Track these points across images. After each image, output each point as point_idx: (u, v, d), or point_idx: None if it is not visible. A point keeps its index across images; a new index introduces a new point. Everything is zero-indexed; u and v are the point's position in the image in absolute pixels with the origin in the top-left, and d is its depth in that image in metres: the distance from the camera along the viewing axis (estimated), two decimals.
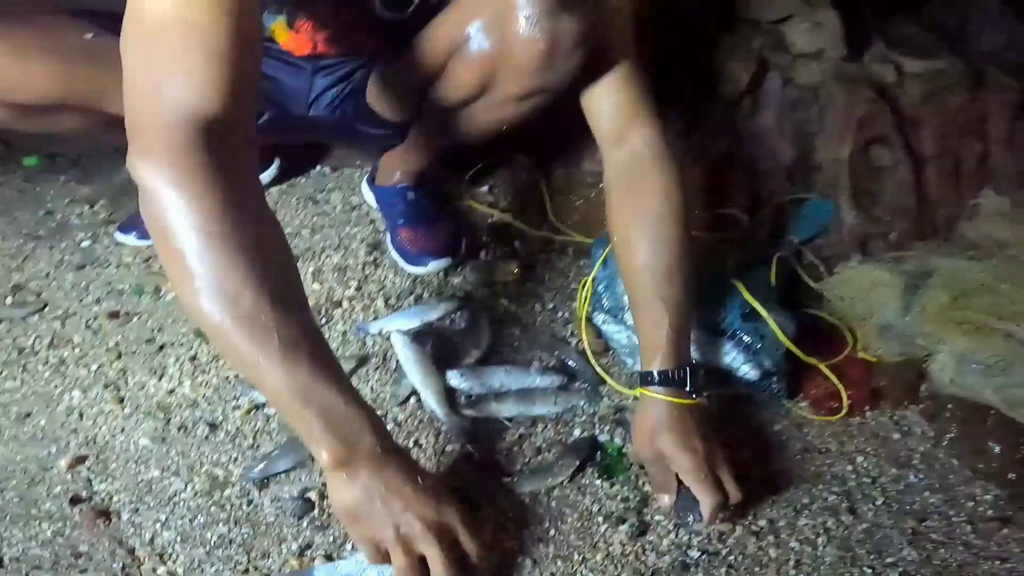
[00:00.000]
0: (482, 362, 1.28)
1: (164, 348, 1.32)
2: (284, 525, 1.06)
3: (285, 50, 1.24)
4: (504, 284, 1.42)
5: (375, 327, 1.31)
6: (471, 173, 1.57)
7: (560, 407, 1.22)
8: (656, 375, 1.07)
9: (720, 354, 1.22)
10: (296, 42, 1.22)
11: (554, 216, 1.56)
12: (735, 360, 1.23)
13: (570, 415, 1.22)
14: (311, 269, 1.41)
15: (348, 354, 1.28)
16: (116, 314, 1.39)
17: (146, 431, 1.19)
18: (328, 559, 1.01)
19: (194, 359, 1.29)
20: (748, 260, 1.36)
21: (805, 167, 1.56)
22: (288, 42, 1.22)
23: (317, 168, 1.68)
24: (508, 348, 1.33)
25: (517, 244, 1.51)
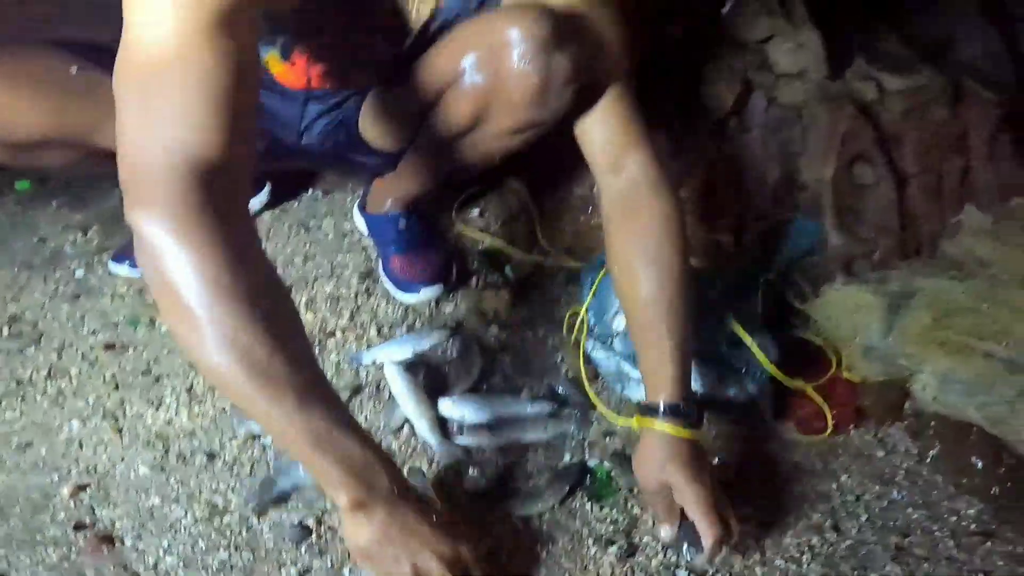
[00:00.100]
0: (473, 390, 1.30)
1: (160, 379, 1.35)
2: (283, 550, 1.11)
3: (279, 82, 1.22)
4: (494, 312, 1.44)
5: (368, 357, 1.33)
6: (461, 199, 1.57)
7: (550, 434, 1.25)
8: (662, 408, 1.08)
9: (707, 377, 1.26)
10: (291, 74, 1.20)
11: (544, 240, 1.57)
12: (722, 383, 1.26)
13: (560, 441, 1.26)
14: (304, 299, 1.43)
15: (343, 384, 1.31)
16: (112, 345, 1.42)
17: (145, 460, 1.24)
18: None
19: (190, 390, 1.32)
20: (734, 283, 1.39)
21: (790, 187, 1.57)
22: (282, 74, 1.20)
23: (308, 192, 1.68)
24: (499, 376, 1.35)
25: (508, 269, 1.52)
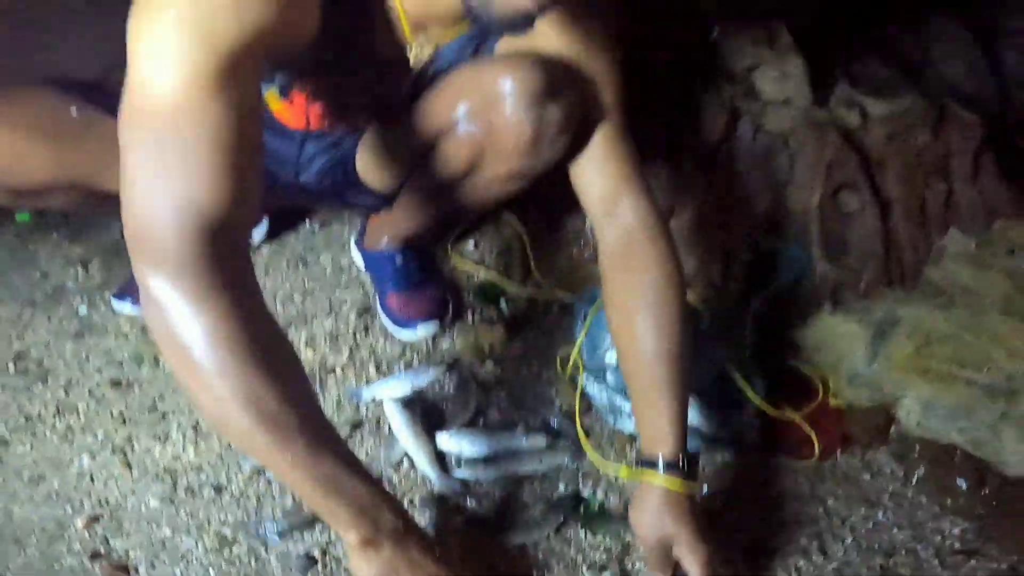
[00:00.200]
0: (470, 425, 1.36)
1: (166, 416, 1.41)
2: None
3: (277, 119, 1.23)
4: (490, 346, 1.49)
5: (368, 394, 1.39)
6: (455, 234, 1.62)
7: (545, 466, 1.32)
8: (662, 465, 1.11)
9: (697, 410, 1.32)
10: (289, 112, 1.21)
11: (538, 272, 1.61)
12: (711, 417, 1.33)
13: (555, 472, 1.32)
14: (305, 336, 1.48)
15: (343, 419, 1.37)
16: (118, 383, 1.48)
17: (155, 493, 1.31)
18: None
19: (196, 426, 1.39)
20: (724, 315, 1.45)
21: (778, 216, 1.62)
22: (281, 112, 1.22)
23: (306, 224, 1.72)
24: (495, 410, 1.41)
25: (503, 303, 1.57)
